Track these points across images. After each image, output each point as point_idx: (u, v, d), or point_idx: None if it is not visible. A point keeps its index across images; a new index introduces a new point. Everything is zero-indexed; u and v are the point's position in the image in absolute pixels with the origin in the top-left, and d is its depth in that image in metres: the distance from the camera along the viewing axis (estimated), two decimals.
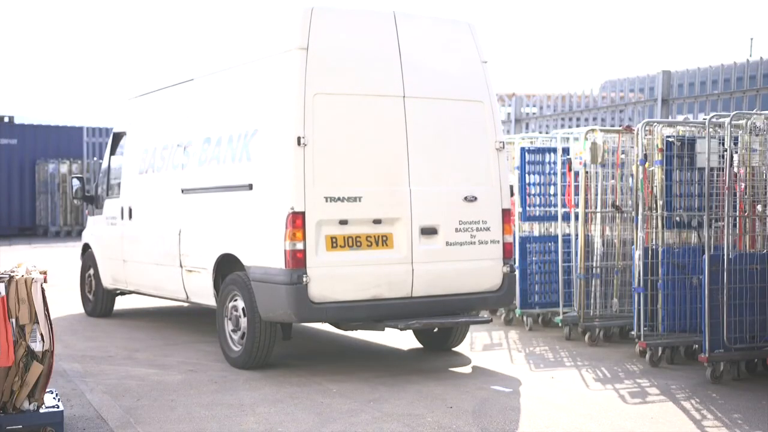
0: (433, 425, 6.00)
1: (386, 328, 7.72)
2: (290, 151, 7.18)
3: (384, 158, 7.54)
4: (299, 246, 7.13)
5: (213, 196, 8.31)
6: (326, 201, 7.26)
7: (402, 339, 9.17)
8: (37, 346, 5.34)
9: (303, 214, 7.14)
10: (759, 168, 7.70)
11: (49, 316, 5.42)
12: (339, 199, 7.31)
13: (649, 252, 7.89)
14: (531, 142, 10.36)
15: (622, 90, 11.90)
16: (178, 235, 8.83)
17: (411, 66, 7.69)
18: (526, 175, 9.79)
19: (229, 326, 7.96)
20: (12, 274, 5.37)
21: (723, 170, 7.67)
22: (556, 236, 9.78)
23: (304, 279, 7.11)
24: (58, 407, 5.54)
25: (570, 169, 9.22)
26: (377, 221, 7.46)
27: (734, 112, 7.71)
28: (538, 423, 6.09)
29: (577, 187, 9.14)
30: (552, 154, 9.88)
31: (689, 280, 7.95)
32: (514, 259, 9.79)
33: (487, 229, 7.88)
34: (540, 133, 12.41)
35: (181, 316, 10.94)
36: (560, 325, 9.36)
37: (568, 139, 9.50)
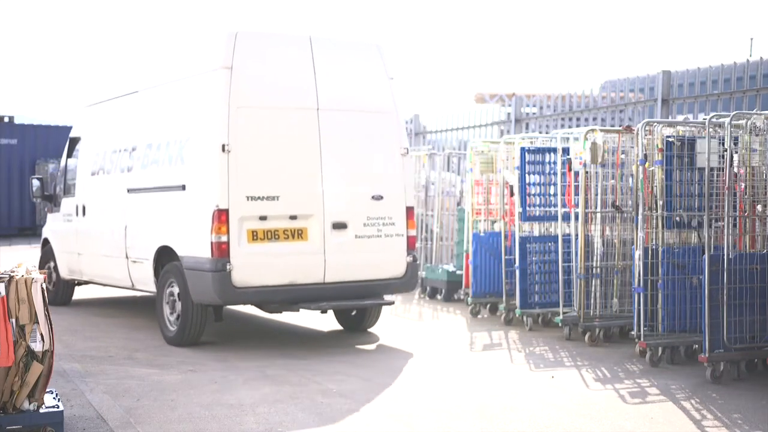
0: (433, 425, 6.00)
1: (302, 310, 8.78)
2: (216, 157, 8.24)
3: (300, 162, 8.56)
4: (224, 238, 8.19)
5: (153, 196, 9.36)
6: (247, 199, 8.29)
7: (325, 322, 10.27)
8: (37, 346, 5.33)
9: (227, 211, 8.20)
10: (759, 168, 7.70)
11: (49, 316, 5.42)
12: (259, 197, 8.35)
13: (649, 252, 7.89)
14: (531, 142, 10.35)
15: (622, 90, 11.88)
16: (124, 230, 9.85)
17: (324, 82, 8.75)
18: (526, 175, 9.78)
19: (166, 309, 9.05)
20: (12, 274, 5.37)
21: (723, 170, 7.67)
22: (556, 236, 9.77)
23: (228, 267, 8.17)
24: (58, 407, 5.53)
25: (570, 169, 9.21)
26: (293, 217, 8.51)
27: (734, 112, 7.70)
28: (538, 423, 6.09)
29: (577, 187, 9.13)
30: (552, 154, 9.88)
31: (689, 280, 7.95)
32: (515, 258, 9.89)
33: (392, 224, 8.94)
34: (540, 133, 12.40)
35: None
36: (560, 325, 9.36)
37: (568, 139, 9.49)
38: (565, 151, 9.50)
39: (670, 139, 7.99)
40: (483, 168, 11.01)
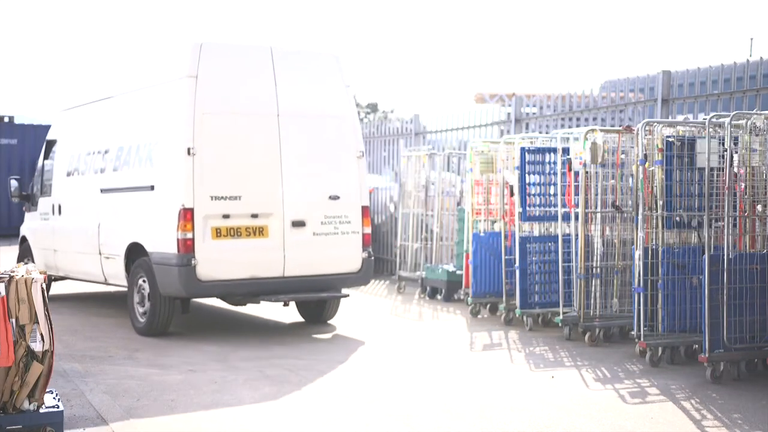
0: (433, 425, 6.00)
1: (263, 302, 9.43)
2: (182, 159, 8.83)
3: (261, 164, 9.16)
4: (189, 235, 8.78)
5: (124, 195, 9.94)
6: (212, 199, 8.89)
7: (286, 314, 10.91)
8: (37, 346, 5.33)
9: (192, 210, 8.80)
10: (759, 168, 7.69)
11: (49, 316, 5.41)
12: (222, 197, 8.95)
13: (649, 252, 7.88)
14: (531, 142, 10.34)
15: (622, 90, 11.87)
16: (97, 227, 10.41)
17: (284, 90, 9.35)
18: (526, 175, 9.78)
19: (137, 302, 9.61)
20: (12, 274, 5.36)
21: (723, 170, 7.67)
22: (556, 236, 9.77)
23: (193, 262, 8.78)
24: (58, 407, 5.53)
25: (570, 169, 9.21)
26: (254, 215, 9.10)
27: (734, 112, 7.70)
28: (538, 423, 6.09)
29: (577, 187, 9.13)
30: (552, 154, 9.87)
31: (689, 280, 7.95)
32: (515, 258, 9.89)
33: (348, 222, 9.56)
34: (540, 133, 12.39)
35: (181, 317, 10.93)
36: (560, 325, 9.36)
37: (568, 139, 9.49)
38: (565, 151, 9.49)
39: (670, 139, 7.99)
40: (483, 168, 11.01)
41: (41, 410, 5.43)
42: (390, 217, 15.59)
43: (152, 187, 9.33)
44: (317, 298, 9.69)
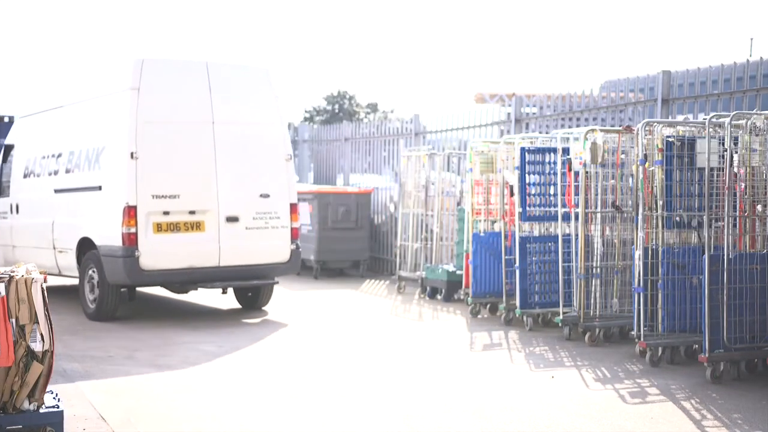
0: (432, 424, 6.01)
1: (200, 289, 10.55)
2: (126, 162, 9.86)
3: (197, 166, 10.21)
4: (132, 230, 9.80)
5: (76, 195, 10.91)
6: (153, 198, 9.90)
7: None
8: (37, 346, 5.32)
9: (135, 207, 9.81)
10: (759, 168, 7.69)
11: (49, 316, 5.41)
12: (162, 196, 9.96)
13: (649, 252, 7.88)
14: (531, 142, 10.34)
15: (622, 90, 11.86)
16: (52, 224, 11.39)
17: (219, 100, 10.42)
18: (526, 175, 9.78)
19: (87, 291, 10.61)
20: (12, 274, 5.36)
21: (723, 170, 7.67)
22: (556, 236, 9.77)
23: (136, 253, 9.81)
24: (58, 407, 5.52)
25: (570, 169, 9.20)
26: (192, 212, 10.14)
27: (734, 112, 7.69)
28: (538, 423, 6.09)
29: (577, 187, 9.13)
30: (552, 154, 9.87)
31: (689, 280, 7.95)
32: (515, 258, 9.89)
33: (278, 217, 10.62)
34: (540, 133, 12.38)
35: (181, 316, 10.95)
36: (560, 325, 9.36)
37: (568, 139, 9.49)
38: (565, 151, 9.49)
39: (670, 139, 7.99)
40: (483, 168, 11.01)
41: (41, 410, 5.42)
42: (390, 217, 15.59)
43: (100, 188, 10.33)
44: (249, 285, 10.72)
